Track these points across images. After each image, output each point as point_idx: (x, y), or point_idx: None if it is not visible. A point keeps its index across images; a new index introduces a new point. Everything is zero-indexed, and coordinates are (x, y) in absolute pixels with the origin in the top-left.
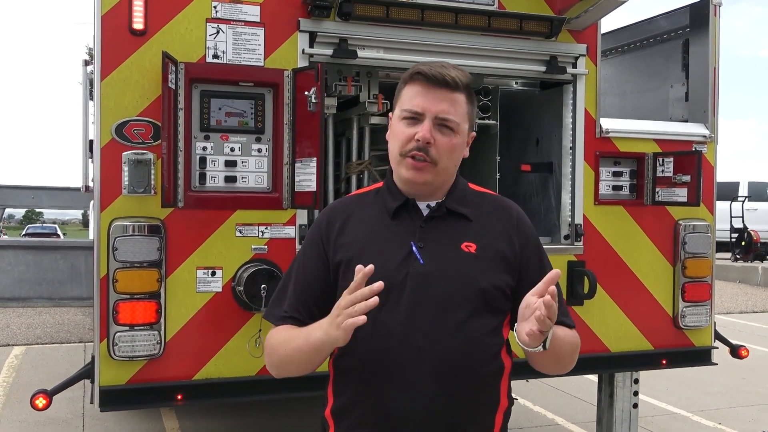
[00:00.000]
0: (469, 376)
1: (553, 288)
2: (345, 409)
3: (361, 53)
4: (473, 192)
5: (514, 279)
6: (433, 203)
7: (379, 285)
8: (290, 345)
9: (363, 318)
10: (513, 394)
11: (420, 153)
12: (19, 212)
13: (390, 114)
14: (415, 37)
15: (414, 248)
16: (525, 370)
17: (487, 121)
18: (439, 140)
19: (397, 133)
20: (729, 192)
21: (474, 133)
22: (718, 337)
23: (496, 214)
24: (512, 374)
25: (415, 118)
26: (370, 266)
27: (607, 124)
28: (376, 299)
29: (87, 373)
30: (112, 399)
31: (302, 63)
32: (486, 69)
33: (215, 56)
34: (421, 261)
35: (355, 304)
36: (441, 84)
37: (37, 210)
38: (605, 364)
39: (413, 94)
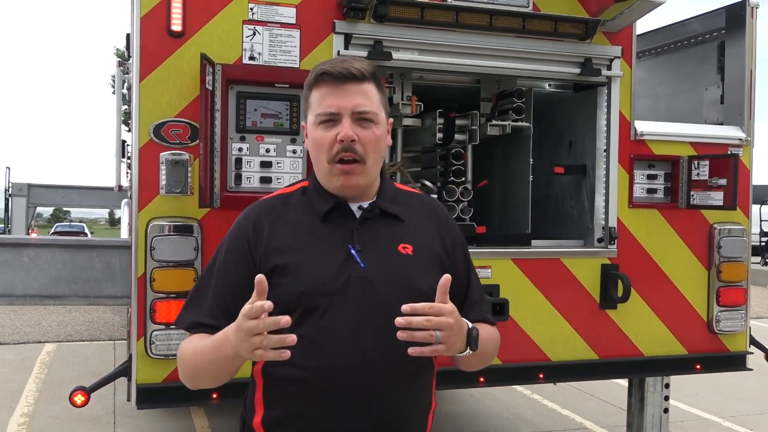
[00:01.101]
0: (414, 380)
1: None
2: (284, 419)
3: (395, 55)
4: (401, 191)
5: None
6: (365, 204)
7: (286, 320)
8: (201, 357)
9: (287, 354)
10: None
11: (347, 153)
12: (47, 210)
13: (303, 123)
14: (450, 38)
15: (353, 252)
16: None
17: (520, 123)
18: (362, 135)
19: (318, 140)
20: (759, 195)
21: (392, 120)
22: (753, 342)
23: (426, 213)
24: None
25: (331, 119)
26: (269, 302)
27: (641, 126)
28: (293, 337)
29: (124, 371)
30: (148, 397)
31: None
32: (520, 71)
33: (251, 58)
34: (362, 264)
35: (260, 332)
36: (349, 78)
37: (65, 209)
38: (638, 369)
39: (323, 96)
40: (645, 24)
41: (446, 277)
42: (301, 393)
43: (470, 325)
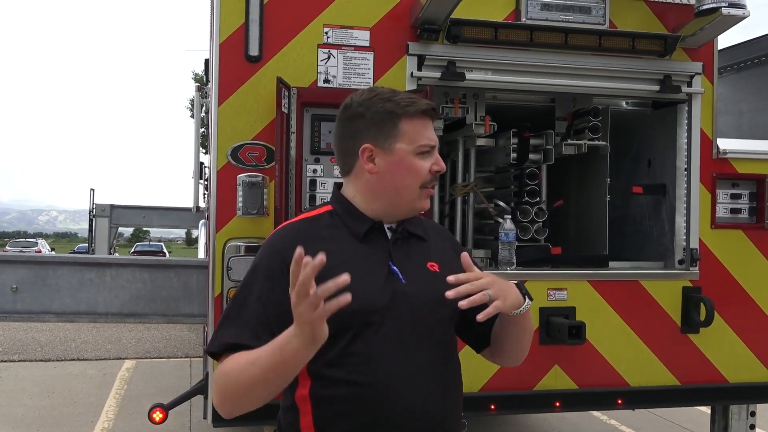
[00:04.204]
0: (456, 386)
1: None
2: None
3: (469, 75)
4: (414, 216)
5: None
6: (393, 226)
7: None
8: (259, 366)
9: (347, 298)
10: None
11: (435, 182)
12: (128, 230)
13: (367, 145)
14: (524, 58)
15: (395, 269)
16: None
17: (596, 142)
18: None
19: (417, 168)
20: None
21: None
22: None
23: (439, 234)
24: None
25: (429, 151)
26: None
27: (724, 144)
28: (346, 276)
29: (201, 389)
30: None
31: (411, 86)
32: (596, 89)
33: (326, 81)
34: (404, 281)
35: (315, 301)
36: (434, 115)
37: (145, 228)
38: (723, 396)
39: (421, 128)
40: (727, 38)
41: (465, 254)
42: (357, 411)
43: (516, 281)
